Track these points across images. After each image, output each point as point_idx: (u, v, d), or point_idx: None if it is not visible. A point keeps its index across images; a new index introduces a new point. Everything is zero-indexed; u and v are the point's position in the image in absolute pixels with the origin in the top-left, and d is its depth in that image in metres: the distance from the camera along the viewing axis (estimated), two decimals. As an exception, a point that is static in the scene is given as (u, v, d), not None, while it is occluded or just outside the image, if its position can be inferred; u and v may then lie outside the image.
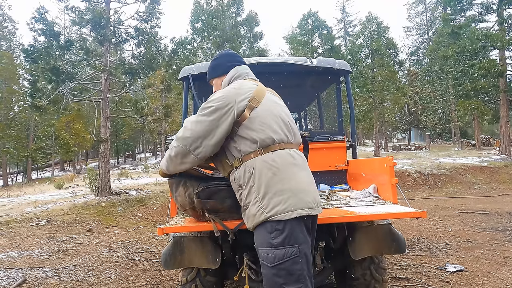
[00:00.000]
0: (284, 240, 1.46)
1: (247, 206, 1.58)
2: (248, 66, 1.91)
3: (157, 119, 14.07)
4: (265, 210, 1.48)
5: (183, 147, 1.62)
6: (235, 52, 1.99)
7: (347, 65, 3.50)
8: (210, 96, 1.70)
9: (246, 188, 1.57)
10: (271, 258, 1.46)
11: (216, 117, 1.59)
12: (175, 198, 1.92)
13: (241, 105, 1.60)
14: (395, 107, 27.15)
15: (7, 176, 26.66)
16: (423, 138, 34.59)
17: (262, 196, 1.50)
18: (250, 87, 1.69)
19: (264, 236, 1.50)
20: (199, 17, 27.11)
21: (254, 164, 1.55)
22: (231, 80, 1.82)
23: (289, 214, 1.47)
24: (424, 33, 42.70)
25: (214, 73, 1.95)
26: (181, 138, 1.63)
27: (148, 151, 47.51)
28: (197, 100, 3.25)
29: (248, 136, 1.59)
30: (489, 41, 16.04)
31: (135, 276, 4.07)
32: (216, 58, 1.96)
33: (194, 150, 1.61)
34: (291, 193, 1.50)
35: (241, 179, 1.59)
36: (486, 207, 7.83)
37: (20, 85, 26.73)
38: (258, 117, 1.61)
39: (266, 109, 1.65)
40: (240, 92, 1.65)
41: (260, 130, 1.59)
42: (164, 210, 8.49)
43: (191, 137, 1.60)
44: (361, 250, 2.15)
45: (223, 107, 1.60)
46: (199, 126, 1.60)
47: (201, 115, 1.62)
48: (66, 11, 10.11)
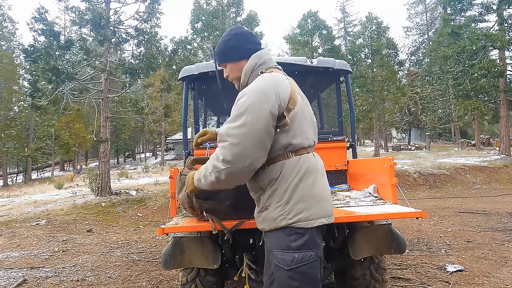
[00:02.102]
0: (303, 244, 1.43)
1: (265, 208, 1.51)
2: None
3: (157, 119, 14.07)
4: (288, 216, 1.43)
5: (237, 167, 1.38)
6: (249, 31, 1.69)
7: (347, 65, 3.50)
8: (243, 94, 1.45)
9: (268, 191, 1.49)
10: (289, 261, 1.42)
11: (263, 122, 1.38)
12: (177, 195, 1.94)
13: (281, 106, 1.43)
14: (395, 107, 27.16)
15: (7, 176, 26.67)
16: (423, 138, 34.60)
17: (286, 201, 1.44)
18: (286, 85, 1.50)
19: (281, 239, 1.46)
20: (199, 17, 27.12)
21: (282, 168, 1.47)
22: (255, 68, 1.58)
23: (312, 222, 1.44)
24: (424, 33, 42.74)
25: (228, 57, 1.65)
26: (231, 157, 1.37)
27: (148, 151, 47.53)
28: (197, 100, 3.25)
29: (281, 139, 1.47)
30: (489, 41, 16.05)
31: (135, 276, 4.07)
32: (229, 38, 1.63)
33: (249, 165, 1.39)
34: (314, 201, 1.46)
35: (264, 181, 1.49)
36: (486, 207, 7.82)
37: (20, 85, 26.75)
38: (295, 121, 1.48)
39: (301, 111, 1.52)
40: (279, 91, 1.44)
41: (296, 135, 1.48)
42: (164, 210, 8.49)
43: (243, 153, 1.37)
44: (361, 250, 2.15)
45: (267, 109, 1.39)
46: (249, 138, 1.36)
47: (244, 124, 1.38)
48: (66, 11, 10.12)
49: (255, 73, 1.57)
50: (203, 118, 4.67)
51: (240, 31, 1.65)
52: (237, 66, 1.63)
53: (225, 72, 1.70)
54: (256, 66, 1.58)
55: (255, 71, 1.58)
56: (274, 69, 1.60)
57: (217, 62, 1.72)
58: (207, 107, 4.83)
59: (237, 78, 1.66)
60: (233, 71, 1.65)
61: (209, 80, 3.60)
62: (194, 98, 3.67)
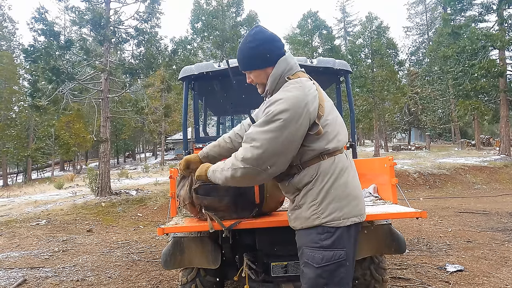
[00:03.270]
0: (334, 242, 1.45)
1: (299, 207, 1.53)
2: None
3: (157, 119, 14.05)
4: (321, 216, 1.46)
5: (254, 168, 1.42)
6: (273, 34, 1.62)
7: (347, 65, 3.50)
8: (273, 102, 1.45)
9: (303, 191, 1.52)
10: (319, 258, 1.45)
11: (290, 132, 1.40)
12: (178, 192, 1.96)
13: (312, 116, 1.44)
14: (395, 107, 27.16)
15: (7, 176, 26.68)
16: (423, 138, 34.61)
17: (320, 201, 1.47)
18: (314, 92, 1.50)
19: (313, 237, 1.48)
20: (199, 17, 27.09)
21: (317, 169, 1.49)
22: (282, 75, 1.55)
23: (344, 221, 1.46)
24: (424, 33, 42.74)
25: (254, 65, 1.60)
26: (250, 158, 1.41)
27: (148, 151, 47.53)
28: (197, 100, 3.25)
29: (316, 146, 1.48)
30: (489, 41, 16.05)
31: (135, 276, 4.07)
32: (254, 45, 1.57)
33: (266, 169, 1.43)
34: (348, 200, 1.48)
35: (301, 182, 1.51)
36: (486, 207, 7.82)
37: (20, 85, 26.74)
38: (327, 127, 1.49)
39: (330, 115, 1.53)
40: (308, 99, 1.44)
41: (330, 141, 1.49)
42: (164, 210, 8.49)
43: (263, 157, 1.40)
44: (361, 250, 2.14)
45: (296, 119, 1.40)
46: (272, 144, 1.39)
47: (271, 130, 1.40)
48: (66, 11, 10.12)
49: (282, 79, 1.56)
50: (203, 118, 4.67)
51: (263, 36, 1.58)
52: (264, 72, 1.60)
53: (248, 77, 1.67)
54: (284, 72, 1.56)
55: (282, 77, 1.56)
56: (299, 73, 1.59)
57: (241, 68, 1.67)
58: (207, 107, 4.83)
59: (262, 83, 1.64)
60: (259, 78, 1.62)
61: (209, 80, 3.59)
62: (194, 98, 3.67)
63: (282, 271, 2.08)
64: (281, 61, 1.56)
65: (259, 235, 2.14)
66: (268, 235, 2.11)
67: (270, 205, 1.95)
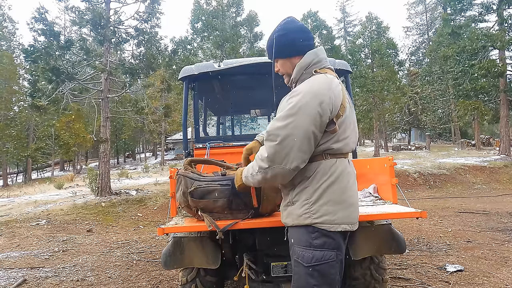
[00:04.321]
0: (324, 243, 1.43)
1: (292, 203, 1.51)
2: (248, 66, 1.75)
3: (157, 119, 14.07)
4: (313, 216, 1.44)
5: (282, 168, 1.40)
6: (304, 25, 1.61)
7: (347, 65, 3.50)
8: (297, 94, 1.43)
9: (299, 187, 1.49)
10: (308, 258, 1.44)
11: (314, 125, 1.38)
12: (176, 195, 1.96)
13: (333, 112, 1.43)
14: (395, 107, 27.16)
15: (7, 176, 26.65)
16: (423, 138, 34.60)
17: (314, 201, 1.45)
18: (339, 90, 1.48)
19: (304, 235, 1.47)
20: (199, 17, 27.09)
21: (316, 167, 1.47)
22: (309, 66, 1.53)
23: (336, 227, 1.44)
24: (424, 33, 42.75)
25: (281, 53, 1.59)
26: (277, 156, 1.40)
27: (148, 151, 47.50)
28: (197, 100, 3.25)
29: (323, 143, 1.46)
30: (489, 41, 16.05)
31: (135, 276, 4.07)
32: (283, 33, 1.57)
33: (294, 167, 1.41)
34: (342, 206, 1.46)
35: (298, 178, 1.49)
36: (486, 207, 7.82)
37: (20, 85, 26.72)
38: (341, 127, 1.47)
39: (348, 118, 1.51)
40: (333, 96, 1.43)
41: (338, 141, 1.47)
42: (164, 210, 8.49)
43: (290, 153, 1.38)
44: (361, 250, 2.15)
45: (320, 113, 1.38)
46: (298, 137, 1.38)
47: (294, 125, 1.39)
48: (66, 11, 10.13)
49: (309, 71, 1.54)
50: (203, 118, 4.67)
51: (293, 25, 1.58)
52: (290, 62, 1.59)
53: (275, 66, 1.66)
54: (311, 64, 1.54)
55: (309, 69, 1.54)
56: (328, 69, 1.57)
57: (269, 56, 1.67)
58: (207, 107, 4.83)
59: (288, 73, 1.62)
60: (285, 67, 1.61)
61: (209, 80, 3.59)
62: (194, 98, 3.67)
63: (282, 271, 2.08)
64: (310, 52, 1.55)
65: (259, 235, 2.14)
66: (268, 235, 2.11)
67: (267, 207, 1.95)
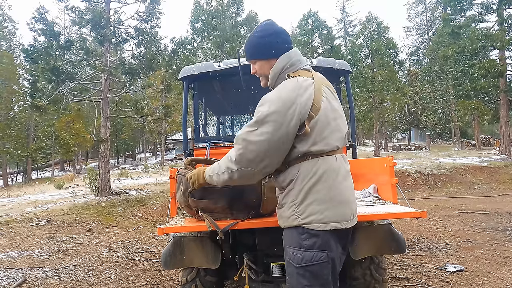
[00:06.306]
0: (314, 244, 1.43)
1: (282, 206, 1.54)
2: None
3: (157, 119, 14.07)
4: (300, 217, 1.45)
5: (249, 170, 1.45)
6: (282, 28, 1.63)
7: (347, 65, 3.50)
8: (264, 102, 1.46)
9: (287, 190, 1.51)
10: (299, 258, 1.44)
11: (281, 133, 1.40)
12: (176, 195, 1.97)
13: (303, 117, 1.43)
14: (395, 107, 27.16)
15: (7, 176, 26.66)
16: (423, 138, 34.61)
17: (300, 202, 1.45)
18: (309, 93, 1.46)
19: (294, 236, 1.48)
20: (199, 17, 27.08)
21: (298, 169, 1.47)
22: (282, 71, 1.55)
23: (324, 226, 1.43)
24: (424, 33, 42.78)
25: (258, 54, 1.61)
26: (243, 160, 1.44)
27: (148, 151, 47.51)
28: (197, 100, 3.25)
29: (300, 147, 1.46)
30: (489, 41, 16.06)
31: (135, 276, 4.07)
32: (262, 35, 1.59)
33: (261, 169, 1.45)
34: (330, 204, 1.45)
35: (285, 181, 1.51)
36: (486, 207, 7.82)
37: (20, 85, 26.70)
38: (315, 128, 1.45)
39: (324, 117, 1.47)
40: (301, 101, 1.43)
41: (316, 143, 1.46)
42: (164, 210, 8.49)
43: (256, 158, 1.42)
44: (361, 250, 2.15)
45: (286, 121, 1.40)
46: (263, 146, 1.40)
47: (261, 132, 1.41)
48: (66, 11, 10.12)
49: (282, 76, 1.55)
50: (203, 118, 4.67)
51: (271, 28, 1.60)
52: (268, 64, 1.60)
53: (252, 68, 1.67)
54: (284, 69, 1.55)
55: (282, 74, 1.55)
56: (301, 71, 1.56)
57: (247, 58, 1.68)
58: (207, 107, 4.83)
59: (265, 75, 1.63)
60: (262, 69, 1.63)
61: (209, 80, 3.59)
62: (194, 98, 3.67)
63: (282, 271, 2.08)
64: (283, 56, 1.56)
65: (259, 235, 2.14)
66: (268, 235, 2.10)
67: (267, 208, 1.95)
